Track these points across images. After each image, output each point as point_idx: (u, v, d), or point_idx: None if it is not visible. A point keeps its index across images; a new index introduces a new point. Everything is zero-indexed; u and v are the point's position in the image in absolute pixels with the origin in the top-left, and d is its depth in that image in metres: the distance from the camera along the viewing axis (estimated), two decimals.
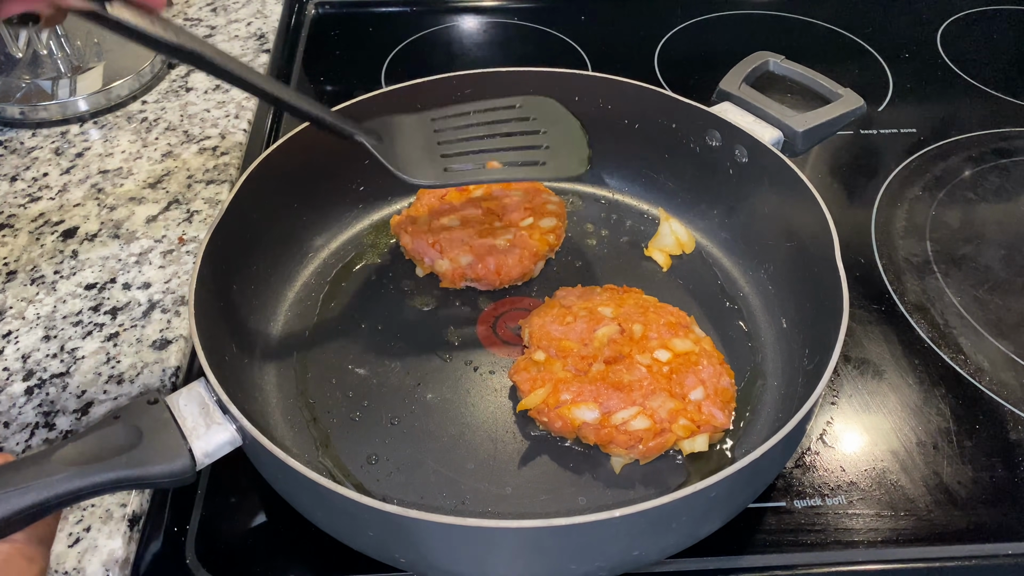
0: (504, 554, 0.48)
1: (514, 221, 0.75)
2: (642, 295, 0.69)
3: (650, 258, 0.77)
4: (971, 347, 0.71)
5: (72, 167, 0.84)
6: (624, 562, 0.51)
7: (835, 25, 1.15)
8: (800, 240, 0.66)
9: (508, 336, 0.70)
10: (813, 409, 0.51)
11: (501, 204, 0.76)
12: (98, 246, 0.76)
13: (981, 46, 1.12)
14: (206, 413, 0.51)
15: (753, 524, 0.58)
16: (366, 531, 0.50)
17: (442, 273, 0.73)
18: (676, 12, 1.17)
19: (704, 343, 0.64)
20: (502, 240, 0.73)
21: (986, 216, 0.85)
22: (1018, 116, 0.98)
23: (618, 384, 0.60)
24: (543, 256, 0.75)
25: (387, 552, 0.51)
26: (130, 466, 0.47)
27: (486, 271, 0.71)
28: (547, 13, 1.17)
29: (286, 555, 0.57)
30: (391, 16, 1.19)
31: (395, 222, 0.76)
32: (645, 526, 0.47)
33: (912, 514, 0.59)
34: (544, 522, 0.43)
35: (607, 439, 0.59)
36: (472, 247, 0.72)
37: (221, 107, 0.93)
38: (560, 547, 0.47)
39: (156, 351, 0.66)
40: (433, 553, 0.48)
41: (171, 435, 0.49)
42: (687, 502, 0.45)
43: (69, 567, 0.53)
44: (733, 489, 0.50)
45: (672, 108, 0.75)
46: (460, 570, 0.50)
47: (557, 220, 0.75)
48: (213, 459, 0.51)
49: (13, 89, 0.90)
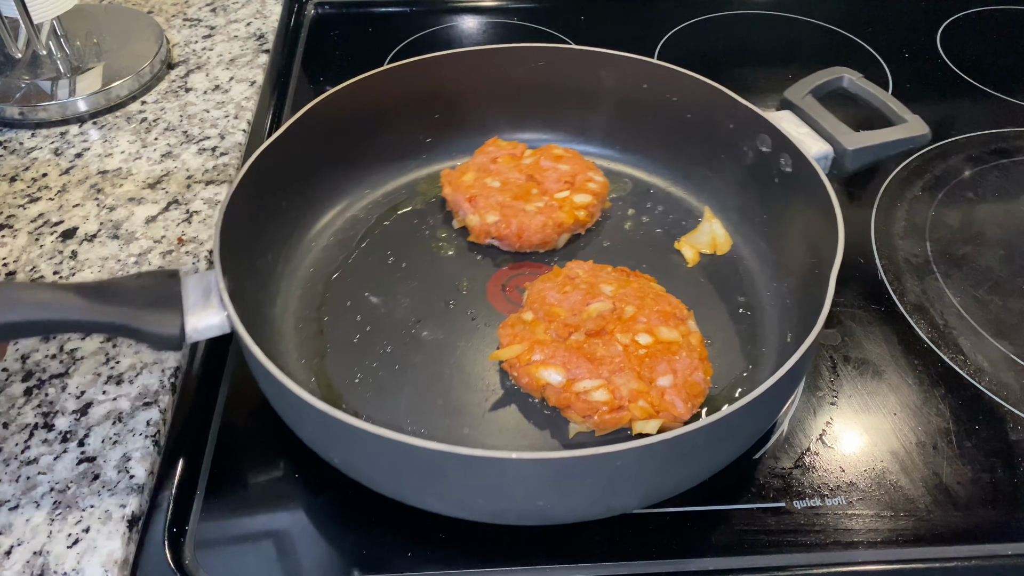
0: (416, 472, 0.51)
1: (550, 191, 0.78)
2: (651, 282, 0.70)
3: (679, 252, 0.77)
4: (971, 347, 0.71)
5: (71, 167, 0.84)
6: (528, 511, 0.53)
7: (835, 25, 1.15)
8: (819, 258, 0.65)
9: (515, 297, 0.73)
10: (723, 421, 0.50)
11: (544, 173, 0.79)
12: (97, 246, 0.76)
13: (981, 46, 1.12)
14: (207, 297, 0.56)
15: (753, 524, 0.58)
16: (307, 426, 0.56)
17: (470, 227, 0.77)
18: (676, 12, 1.17)
19: (692, 337, 0.64)
20: (532, 206, 0.76)
21: (986, 216, 0.85)
22: (1018, 116, 0.98)
23: (590, 355, 0.62)
24: (569, 229, 0.77)
25: (323, 449, 0.57)
26: (129, 318, 0.53)
27: (508, 232, 0.75)
28: (547, 13, 1.17)
29: (286, 555, 0.57)
30: (391, 16, 1.19)
31: (444, 173, 0.81)
32: (546, 477, 0.49)
33: (912, 514, 0.59)
34: (449, 448, 0.47)
35: (565, 403, 0.61)
36: (502, 207, 0.76)
37: (221, 107, 0.93)
38: (463, 476, 0.50)
39: (156, 351, 0.66)
40: (358, 459, 0.54)
41: (172, 305, 0.55)
42: (591, 462, 0.47)
43: (68, 568, 0.53)
44: (644, 463, 0.50)
45: (732, 108, 0.75)
46: (373, 478, 0.56)
47: (593, 198, 0.77)
48: (203, 337, 0.56)
49: (12, 89, 0.89)
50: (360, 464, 0.55)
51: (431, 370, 0.66)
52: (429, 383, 0.65)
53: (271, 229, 0.72)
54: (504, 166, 0.80)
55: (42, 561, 0.53)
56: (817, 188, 0.66)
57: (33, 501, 0.56)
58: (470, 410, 0.64)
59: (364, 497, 0.60)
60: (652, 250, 0.77)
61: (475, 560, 0.56)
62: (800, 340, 0.53)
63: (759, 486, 0.60)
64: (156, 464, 0.60)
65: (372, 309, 0.71)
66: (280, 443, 0.63)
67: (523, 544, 0.57)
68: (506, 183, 0.78)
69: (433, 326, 0.70)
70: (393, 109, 0.81)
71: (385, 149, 0.83)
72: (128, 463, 0.58)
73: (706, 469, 0.56)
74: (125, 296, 0.54)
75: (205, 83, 0.97)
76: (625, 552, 0.56)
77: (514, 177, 0.79)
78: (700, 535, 0.57)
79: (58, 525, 0.55)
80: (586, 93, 0.84)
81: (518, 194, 0.77)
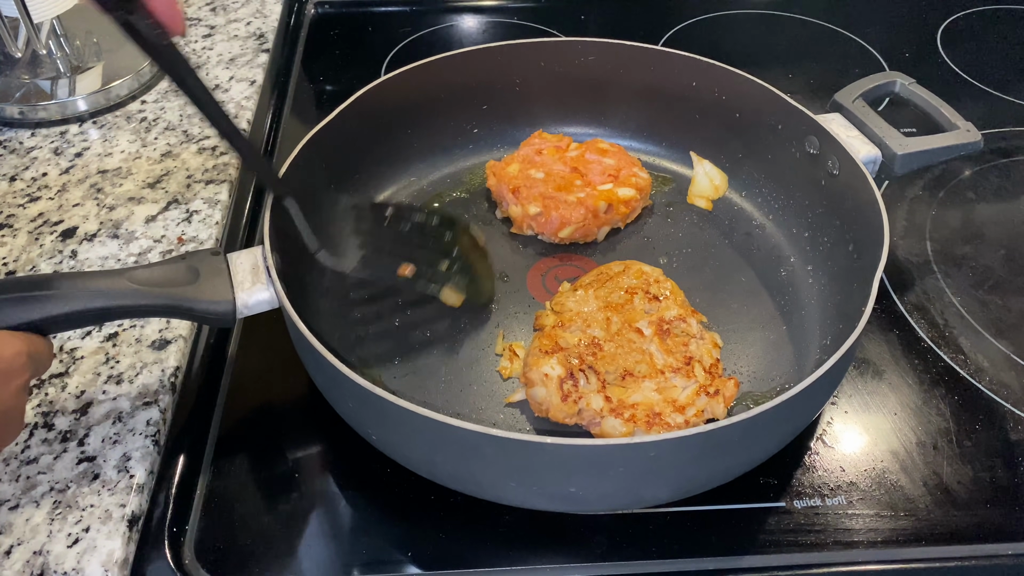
0: (453, 453, 0.52)
1: (593, 183, 0.78)
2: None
3: (721, 254, 0.77)
4: (971, 347, 0.71)
5: (71, 167, 0.84)
6: (560, 496, 0.53)
7: (835, 25, 1.15)
8: (862, 261, 0.65)
9: (554, 287, 0.74)
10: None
11: (589, 166, 0.80)
12: (97, 246, 0.75)
13: (981, 46, 1.12)
14: (255, 273, 0.58)
15: (753, 524, 0.58)
16: (348, 402, 0.57)
17: (513, 217, 0.78)
18: (677, 11, 1.17)
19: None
20: (573, 197, 0.76)
21: (986, 216, 0.85)
22: (1018, 116, 0.98)
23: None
24: (608, 223, 0.78)
25: (362, 426, 0.58)
26: (183, 298, 0.55)
27: (548, 223, 0.76)
28: (547, 13, 1.17)
29: (286, 555, 0.57)
30: (391, 16, 1.18)
31: (490, 164, 0.82)
32: (579, 464, 0.50)
33: (912, 514, 0.59)
34: (487, 430, 0.48)
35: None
36: (544, 198, 0.76)
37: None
38: (496, 457, 0.50)
39: (155, 351, 0.66)
40: (394, 437, 0.55)
41: (222, 282, 0.57)
42: (625, 451, 0.48)
43: (68, 567, 0.53)
44: (678, 455, 0.50)
45: (782, 109, 0.76)
46: (409, 456, 0.57)
47: (636, 192, 0.78)
48: (252, 312, 0.58)
49: (12, 89, 0.89)
50: (398, 442, 0.56)
51: (468, 355, 0.68)
52: (466, 368, 0.67)
53: (317, 210, 0.73)
54: (549, 158, 0.81)
55: (42, 561, 0.53)
56: (864, 191, 0.66)
57: (33, 501, 0.56)
58: (505, 396, 0.65)
59: (364, 497, 0.60)
60: (691, 250, 0.77)
61: (475, 560, 0.56)
62: (838, 340, 0.53)
63: (759, 486, 0.60)
64: (156, 464, 0.60)
65: (413, 294, 0.71)
66: (280, 443, 0.63)
67: (523, 544, 0.57)
68: (550, 174, 0.79)
69: (472, 313, 0.71)
70: (442, 99, 0.83)
71: (432, 138, 0.84)
72: (128, 463, 0.58)
73: (740, 465, 0.56)
74: (176, 278, 0.56)
75: (205, 82, 0.97)
76: (625, 552, 0.56)
77: (558, 169, 0.80)
78: (700, 535, 0.57)
79: (58, 525, 0.55)
80: (634, 89, 0.85)
81: (561, 185, 0.78)
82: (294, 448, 0.63)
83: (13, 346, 0.48)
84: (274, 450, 0.63)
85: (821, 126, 0.72)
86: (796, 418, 0.57)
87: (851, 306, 0.63)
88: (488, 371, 0.67)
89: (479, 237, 0.72)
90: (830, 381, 0.55)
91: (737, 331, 0.70)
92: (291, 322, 0.56)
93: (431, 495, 0.59)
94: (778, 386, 0.66)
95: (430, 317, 0.70)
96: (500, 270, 0.75)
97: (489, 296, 0.72)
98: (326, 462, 0.62)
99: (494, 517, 0.58)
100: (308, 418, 0.65)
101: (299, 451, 0.63)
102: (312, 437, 0.64)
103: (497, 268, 0.75)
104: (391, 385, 0.65)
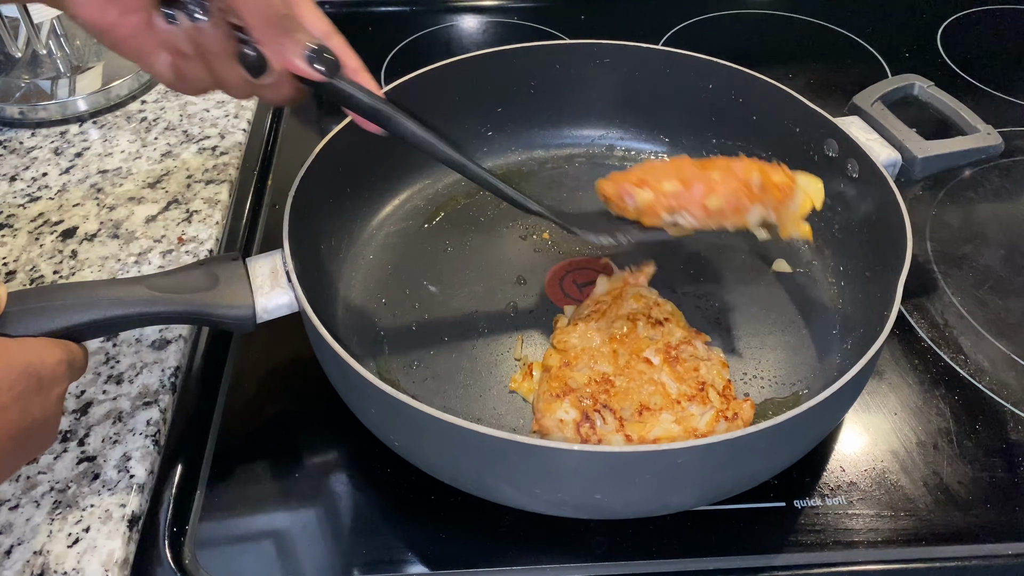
0: (477, 459, 0.52)
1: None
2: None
3: (738, 253, 0.77)
4: (971, 347, 0.71)
5: (71, 167, 0.84)
6: (585, 503, 0.53)
7: (835, 25, 1.15)
8: (883, 264, 0.65)
9: (572, 292, 0.74)
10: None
11: None
12: (97, 246, 0.75)
13: (981, 46, 1.12)
14: (275, 277, 0.58)
15: (753, 524, 0.58)
16: (370, 408, 0.56)
17: (643, 206, 0.62)
18: (677, 11, 1.17)
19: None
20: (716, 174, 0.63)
21: (986, 216, 0.85)
22: (1018, 116, 0.98)
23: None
24: (762, 201, 0.63)
25: (384, 433, 0.58)
26: (202, 304, 0.55)
27: (690, 196, 0.61)
28: (547, 13, 1.17)
29: (286, 555, 0.57)
30: (391, 16, 1.19)
31: (599, 181, 0.65)
32: (604, 471, 0.50)
33: (912, 514, 0.59)
34: (512, 436, 0.47)
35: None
36: (680, 174, 0.62)
37: (220, 107, 0.93)
38: (521, 464, 0.50)
39: (155, 351, 0.66)
40: (418, 443, 0.55)
41: (241, 287, 0.57)
42: (651, 457, 0.48)
43: (68, 567, 0.53)
44: (705, 461, 0.50)
45: (800, 111, 0.75)
46: (432, 462, 0.56)
47: (789, 180, 0.64)
48: (272, 316, 0.57)
49: (12, 89, 0.89)
50: (420, 448, 0.56)
51: (487, 359, 0.68)
52: (485, 372, 0.67)
53: (335, 214, 0.74)
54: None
55: (42, 560, 0.53)
56: (885, 194, 0.66)
57: (33, 500, 0.56)
58: (524, 401, 0.64)
59: (364, 497, 0.60)
60: (710, 255, 0.77)
61: (476, 560, 0.56)
62: (860, 344, 0.52)
63: (759, 486, 0.60)
64: (156, 464, 0.60)
65: (430, 298, 0.72)
66: (280, 443, 0.63)
67: (524, 544, 0.57)
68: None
69: (490, 317, 0.71)
70: (456, 101, 0.82)
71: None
72: (128, 463, 0.58)
73: (766, 471, 0.56)
74: (195, 283, 0.56)
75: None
76: (625, 552, 0.56)
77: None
78: (700, 535, 0.57)
79: (58, 524, 0.55)
80: (649, 91, 0.85)
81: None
82: (294, 447, 0.63)
83: (55, 354, 0.47)
84: (274, 450, 0.63)
85: (840, 129, 0.71)
86: (823, 423, 0.57)
87: (872, 309, 0.62)
88: (507, 376, 0.66)
89: None
90: (856, 385, 0.55)
91: (757, 335, 0.69)
92: (312, 328, 0.55)
93: (431, 495, 0.59)
94: (799, 390, 0.65)
95: (448, 321, 0.70)
96: (517, 273, 0.75)
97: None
98: (327, 461, 0.62)
99: (494, 517, 0.58)
100: (308, 418, 0.65)
101: (299, 450, 0.63)
102: (312, 436, 0.64)
103: (514, 271, 0.75)
104: (410, 390, 0.65)
